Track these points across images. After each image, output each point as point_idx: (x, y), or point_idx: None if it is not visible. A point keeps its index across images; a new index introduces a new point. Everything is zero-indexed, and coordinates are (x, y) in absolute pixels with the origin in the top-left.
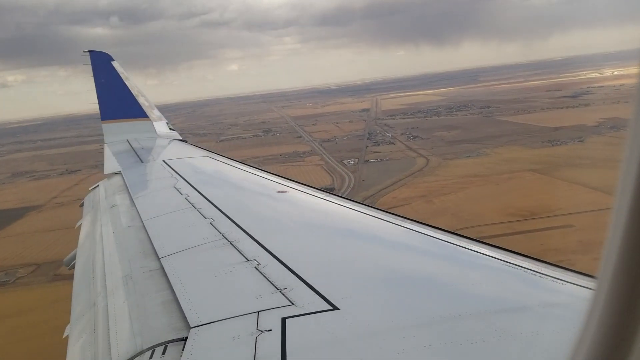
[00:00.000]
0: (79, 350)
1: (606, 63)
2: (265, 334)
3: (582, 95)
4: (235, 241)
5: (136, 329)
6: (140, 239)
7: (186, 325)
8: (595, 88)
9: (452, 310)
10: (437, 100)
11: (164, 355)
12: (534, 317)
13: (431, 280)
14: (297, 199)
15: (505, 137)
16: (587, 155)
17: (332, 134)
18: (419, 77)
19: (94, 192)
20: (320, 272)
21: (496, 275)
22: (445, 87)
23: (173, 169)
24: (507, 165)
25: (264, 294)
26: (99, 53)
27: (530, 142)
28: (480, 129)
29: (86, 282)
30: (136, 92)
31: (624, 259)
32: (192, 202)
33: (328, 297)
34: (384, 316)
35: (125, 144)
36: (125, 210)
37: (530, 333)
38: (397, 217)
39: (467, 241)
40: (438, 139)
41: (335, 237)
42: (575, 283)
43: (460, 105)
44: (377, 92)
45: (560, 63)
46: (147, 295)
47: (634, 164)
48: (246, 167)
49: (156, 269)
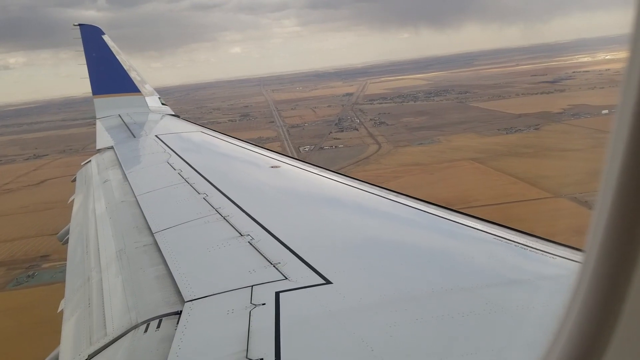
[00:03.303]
0: (74, 325)
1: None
2: (259, 307)
3: (563, 81)
4: (229, 216)
5: (131, 304)
6: (133, 214)
7: (180, 300)
8: (580, 73)
9: (443, 283)
10: (422, 85)
11: (159, 329)
12: (524, 290)
13: (423, 255)
14: (290, 174)
15: (467, 124)
16: (532, 144)
17: (304, 120)
18: (419, 61)
19: (86, 167)
20: (314, 246)
21: (488, 249)
22: (438, 71)
23: (166, 143)
24: (451, 153)
25: (258, 268)
26: (90, 27)
27: (487, 129)
28: (448, 115)
29: (80, 257)
30: (127, 67)
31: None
32: (185, 177)
33: (321, 272)
34: (377, 290)
35: (117, 118)
36: (118, 185)
37: (521, 306)
38: (390, 192)
39: (460, 216)
40: (402, 126)
41: (329, 212)
42: (564, 257)
43: (441, 90)
44: (371, 75)
45: (559, 47)
46: (141, 269)
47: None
48: (239, 142)
49: (150, 243)
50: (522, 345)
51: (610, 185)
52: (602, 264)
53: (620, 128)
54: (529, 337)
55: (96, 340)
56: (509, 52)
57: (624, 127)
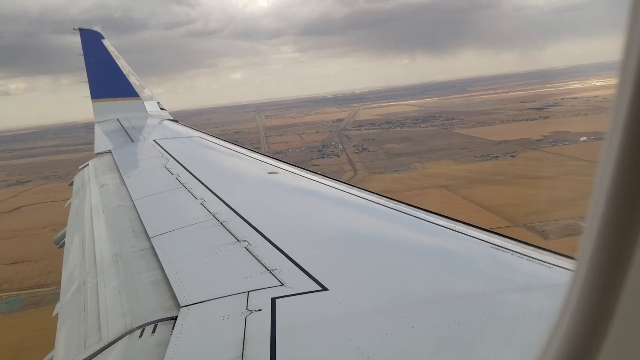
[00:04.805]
0: (68, 329)
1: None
2: (255, 313)
3: (550, 107)
4: (226, 221)
5: (126, 308)
6: (130, 219)
7: (176, 305)
8: (568, 99)
9: (440, 291)
10: (412, 111)
11: (154, 334)
12: (520, 298)
13: (420, 262)
14: (288, 181)
15: (446, 151)
16: (505, 172)
17: (289, 146)
18: (416, 87)
19: (83, 171)
20: (310, 253)
21: (484, 257)
22: (432, 97)
23: (164, 148)
24: (423, 180)
25: (254, 274)
26: (90, 31)
27: (464, 156)
28: (430, 141)
29: (76, 261)
30: (127, 71)
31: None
32: (183, 182)
33: (317, 278)
34: (373, 297)
35: (116, 123)
36: (115, 189)
37: (517, 314)
38: (388, 200)
39: (457, 224)
40: (383, 152)
41: (326, 218)
42: (560, 266)
43: (429, 117)
44: (367, 101)
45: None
46: (137, 274)
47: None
48: (238, 148)
49: (146, 248)
50: (518, 352)
51: (603, 190)
52: (594, 268)
53: (614, 133)
54: (524, 345)
55: (90, 345)
56: (505, 78)
57: (617, 132)
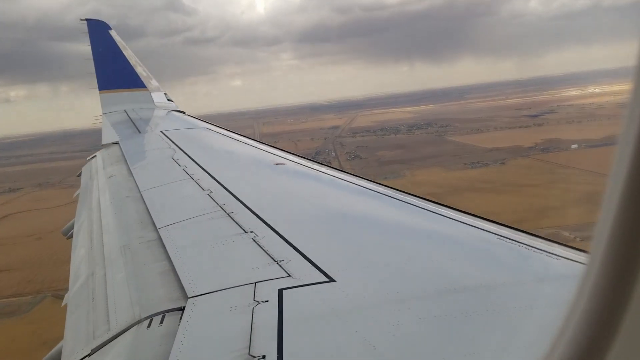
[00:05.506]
0: (77, 319)
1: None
2: (262, 304)
3: (545, 115)
4: (233, 213)
5: (134, 299)
6: (138, 210)
7: (184, 295)
8: (563, 107)
9: (448, 283)
10: (408, 118)
11: (162, 324)
12: (528, 290)
13: (427, 254)
14: (295, 172)
15: (437, 158)
16: (492, 179)
17: None
18: (415, 93)
19: (91, 162)
20: (317, 244)
21: (491, 249)
22: (429, 104)
23: (171, 139)
24: (411, 188)
25: (261, 265)
26: (97, 22)
27: (454, 163)
28: (422, 149)
29: (84, 252)
30: (134, 62)
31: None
32: (190, 174)
33: (325, 269)
34: (380, 289)
35: (123, 114)
36: (123, 180)
37: (525, 306)
38: (395, 191)
39: (466, 216)
40: (375, 160)
41: (333, 209)
42: (569, 258)
43: (424, 124)
44: (366, 108)
45: (552, 80)
46: (145, 265)
47: None
48: (245, 139)
49: (154, 239)
50: (526, 345)
51: (616, 187)
52: (606, 264)
53: (628, 131)
54: (532, 337)
55: (99, 335)
56: (503, 85)
57: (631, 131)
